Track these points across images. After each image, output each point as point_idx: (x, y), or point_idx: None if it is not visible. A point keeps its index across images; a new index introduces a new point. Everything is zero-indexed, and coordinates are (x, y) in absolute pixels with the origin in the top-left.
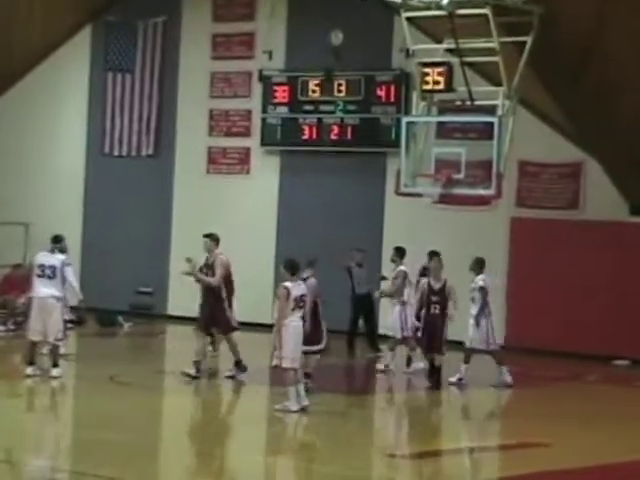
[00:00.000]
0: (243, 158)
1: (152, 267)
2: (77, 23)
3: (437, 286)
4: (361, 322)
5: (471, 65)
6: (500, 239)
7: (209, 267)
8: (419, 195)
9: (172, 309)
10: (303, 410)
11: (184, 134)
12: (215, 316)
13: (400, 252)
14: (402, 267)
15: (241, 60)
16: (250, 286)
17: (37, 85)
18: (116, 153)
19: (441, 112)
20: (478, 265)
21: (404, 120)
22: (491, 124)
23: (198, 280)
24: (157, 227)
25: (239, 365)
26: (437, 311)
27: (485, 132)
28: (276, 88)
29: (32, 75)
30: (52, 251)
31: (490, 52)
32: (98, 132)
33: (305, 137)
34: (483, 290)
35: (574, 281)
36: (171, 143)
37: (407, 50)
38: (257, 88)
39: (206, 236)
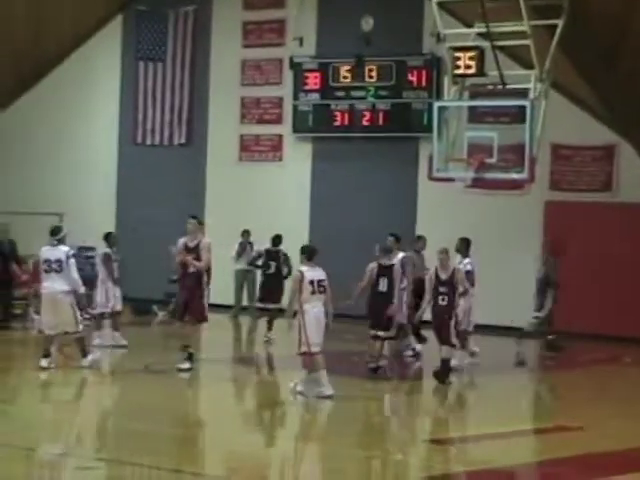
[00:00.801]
0: (275, 145)
1: None
2: (108, 12)
3: (444, 276)
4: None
5: (502, 49)
6: (534, 223)
7: (190, 251)
8: (452, 180)
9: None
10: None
11: (216, 122)
12: (191, 302)
13: (397, 239)
14: (401, 254)
15: (272, 47)
16: None
17: (69, 75)
18: (149, 142)
19: (473, 96)
20: (464, 246)
21: (436, 105)
22: (523, 108)
23: (183, 264)
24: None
25: (190, 357)
26: (445, 302)
27: (517, 116)
28: (307, 75)
29: (64, 66)
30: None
31: (521, 35)
32: (130, 121)
33: (337, 123)
34: (469, 274)
35: (608, 263)
36: (203, 131)
37: (438, 35)
38: (288, 75)
39: (193, 217)
